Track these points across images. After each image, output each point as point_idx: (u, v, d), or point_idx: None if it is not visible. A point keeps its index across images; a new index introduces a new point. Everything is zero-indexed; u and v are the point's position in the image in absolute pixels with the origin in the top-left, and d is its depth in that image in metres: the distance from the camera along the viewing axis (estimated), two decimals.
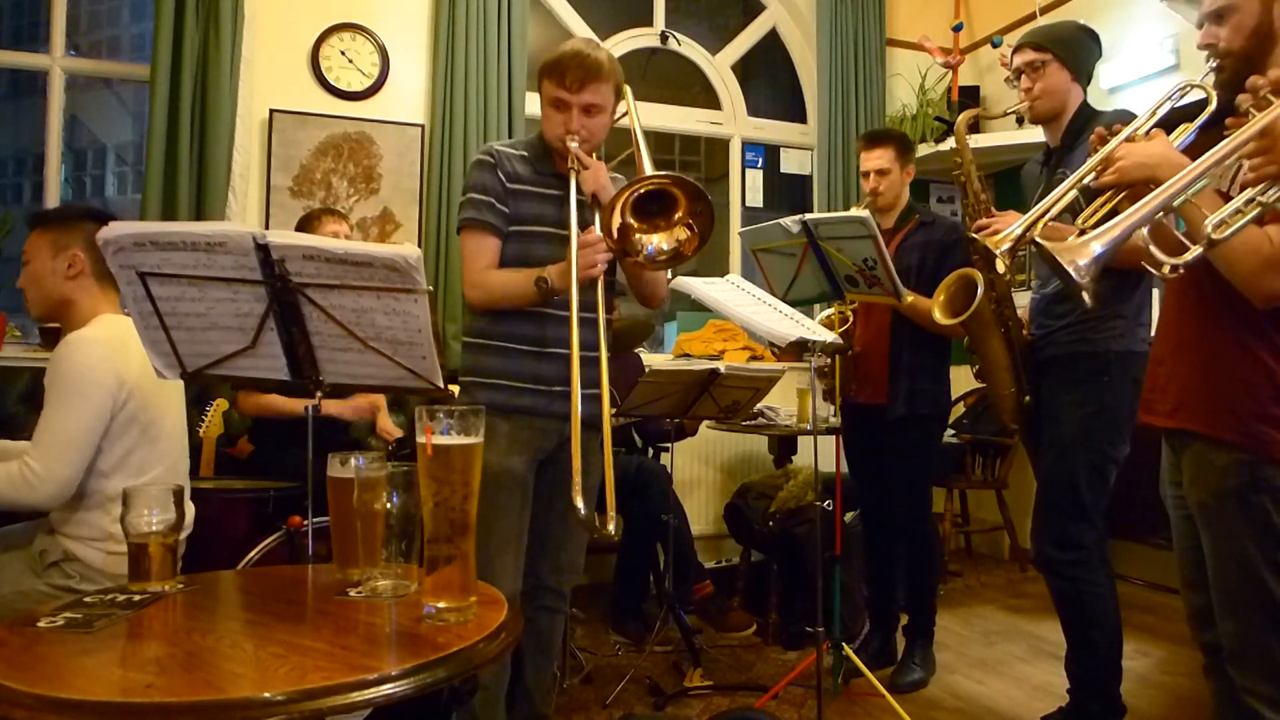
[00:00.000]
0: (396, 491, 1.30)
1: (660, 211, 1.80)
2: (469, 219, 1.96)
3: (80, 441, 1.84)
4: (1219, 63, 1.59)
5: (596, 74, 1.90)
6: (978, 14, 4.98)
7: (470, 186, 1.99)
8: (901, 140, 3.02)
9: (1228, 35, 1.59)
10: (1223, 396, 1.50)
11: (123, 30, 10.42)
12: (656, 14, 4.71)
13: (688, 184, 1.75)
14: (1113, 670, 2.33)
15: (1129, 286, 2.25)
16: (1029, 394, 2.39)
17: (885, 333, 2.92)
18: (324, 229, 2.91)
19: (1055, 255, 1.31)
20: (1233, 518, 1.49)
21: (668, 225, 1.80)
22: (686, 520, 3.56)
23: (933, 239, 2.90)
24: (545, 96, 1.96)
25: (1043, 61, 2.34)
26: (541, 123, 2.01)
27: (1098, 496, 2.28)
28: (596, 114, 1.93)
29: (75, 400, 1.83)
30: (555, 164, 1.99)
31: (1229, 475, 1.49)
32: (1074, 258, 1.30)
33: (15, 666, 1.05)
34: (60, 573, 1.90)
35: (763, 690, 2.78)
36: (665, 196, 1.79)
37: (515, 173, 1.99)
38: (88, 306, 1.98)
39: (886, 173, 2.95)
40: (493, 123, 3.96)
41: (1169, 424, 1.61)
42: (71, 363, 1.86)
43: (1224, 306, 1.49)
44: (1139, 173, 1.47)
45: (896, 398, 2.88)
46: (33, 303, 2.04)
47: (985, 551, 4.81)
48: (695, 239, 1.80)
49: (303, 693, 0.98)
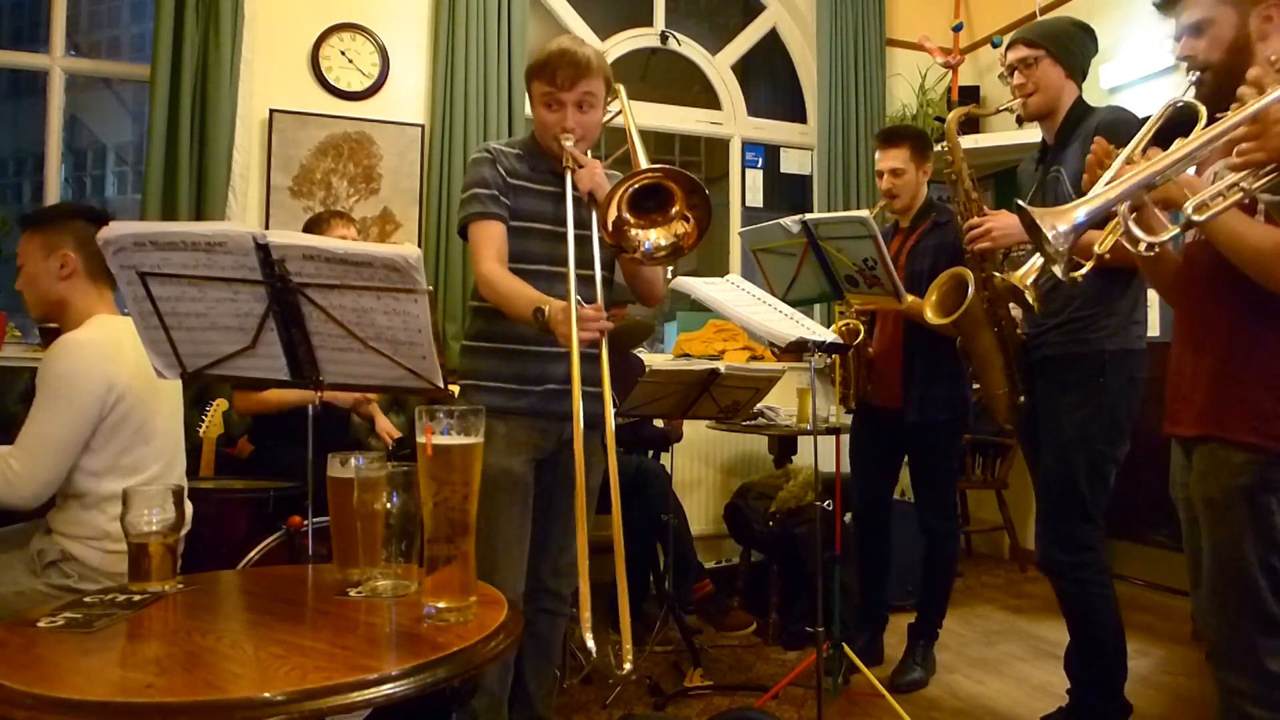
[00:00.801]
0: (396, 491, 1.30)
1: (657, 207, 1.79)
2: (474, 212, 1.94)
3: (62, 445, 1.83)
4: (1199, 76, 1.60)
5: (586, 69, 1.90)
6: (978, 14, 4.99)
7: (471, 182, 1.97)
8: (918, 138, 2.98)
9: (1206, 48, 1.60)
10: (1245, 398, 1.50)
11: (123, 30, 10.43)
12: (656, 14, 4.71)
13: (683, 176, 1.74)
14: (1120, 669, 2.32)
15: (1120, 285, 2.24)
16: (1024, 394, 2.38)
17: (899, 339, 2.92)
18: (333, 233, 2.90)
19: (1036, 219, 1.31)
20: (1237, 516, 1.49)
21: (665, 220, 1.79)
22: (686, 520, 3.56)
23: (948, 240, 2.85)
24: (536, 97, 1.95)
25: (1035, 58, 2.32)
26: (534, 125, 2.00)
27: (1099, 496, 2.27)
28: (589, 109, 1.93)
29: (61, 404, 1.83)
30: (551, 162, 1.99)
31: (1241, 474, 1.49)
32: (1054, 222, 1.31)
33: (15, 666, 1.05)
34: (59, 572, 1.90)
35: (763, 690, 2.78)
36: (661, 191, 1.77)
37: (513, 168, 1.99)
38: (82, 307, 1.98)
39: (901, 173, 2.92)
40: (493, 123, 3.97)
41: (1193, 432, 1.60)
42: (60, 365, 1.86)
43: (1243, 310, 1.49)
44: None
45: (910, 404, 2.88)
46: (31, 305, 2.05)
47: (985, 551, 4.81)
48: (694, 232, 1.78)
49: (303, 693, 0.98)
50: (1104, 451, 2.26)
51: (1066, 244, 1.30)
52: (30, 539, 1.97)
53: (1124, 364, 2.23)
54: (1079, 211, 1.31)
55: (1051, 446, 2.32)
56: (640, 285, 2.06)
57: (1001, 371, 2.38)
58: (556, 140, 1.92)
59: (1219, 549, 1.53)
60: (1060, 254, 1.30)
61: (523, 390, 1.96)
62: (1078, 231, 1.30)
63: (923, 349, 2.86)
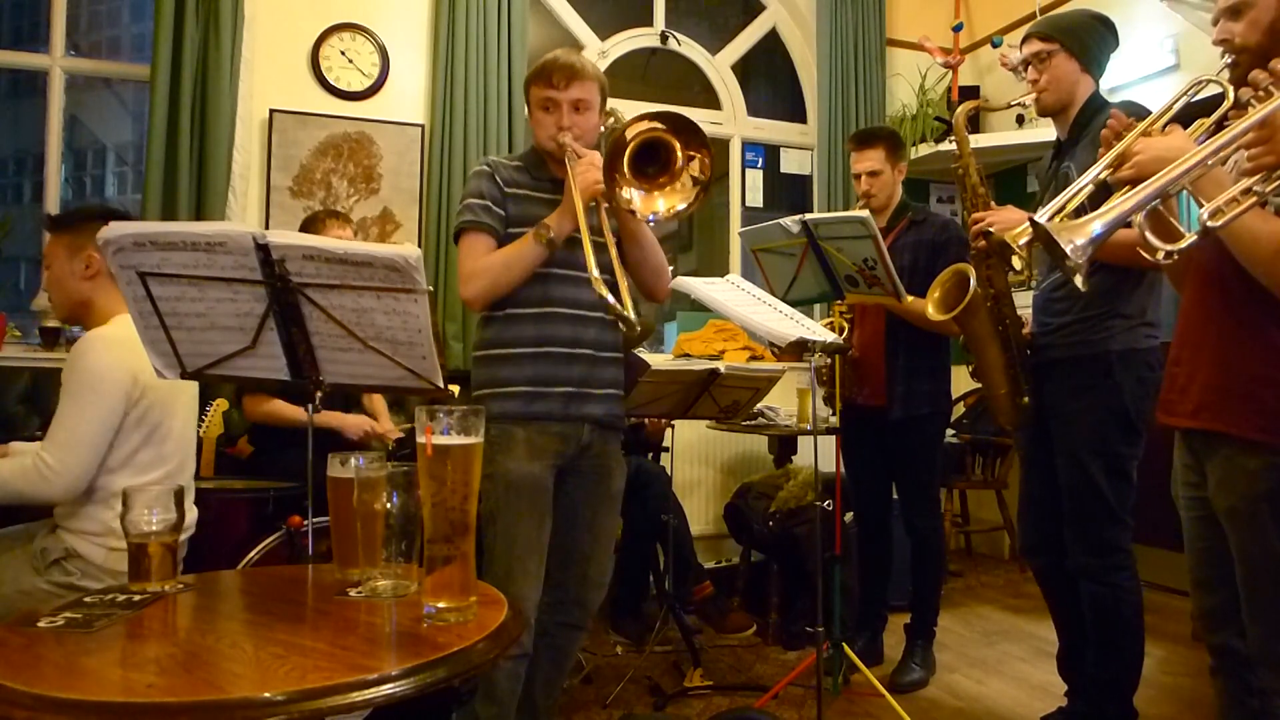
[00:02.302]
0: (396, 491, 1.30)
1: (661, 168, 1.79)
2: (465, 222, 1.97)
3: (94, 438, 1.86)
4: (1234, 58, 1.57)
5: (581, 72, 1.94)
6: (978, 14, 4.98)
7: (466, 194, 2.01)
8: (891, 139, 2.99)
9: (1243, 30, 1.57)
10: (1250, 395, 1.49)
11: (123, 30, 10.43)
12: (656, 14, 4.71)
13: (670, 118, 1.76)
14: (1136, 676, 2.29)
15: (1129, 285, 2.20)
16: (1027, 395, 2.34)
17: (881, 336, 2.93)
18: (329, 233, 2.89)
19: (1053, 234, 1.30)
20: (1263, 522, 1.48)
21: (671, 178, 1.79)
22: (686, 521, 3.56)
23: (924, 238, 2.90)
24: (534, 102, 1.98)
25: (1049, 52, 2.26)
26: (533, 131, 2.02)
27: (1124, 497, 2.23)
28: (585, 110, 1.95)
29: (90, 397, 1.86)
30: (551, 170, 2.00)
31: (1260, 480, 1.48)
32: (1072, 237, 1.30)
33: (15, 666, 1.05)
34: (61, 570, 1.91)
35: (763, 690, 2.78)
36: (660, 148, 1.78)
37: (512, 179, 2.01)
38: (105, 306, 2.01)
39: (878, 174, 2.93)
40: (493, 123, 3.97)
41: (1192, 425, 1.59)
42: (88, 360, 1.89)
43: (1248, 304, 1.48)
44: (1159, 167, 1.41)
45: (895, 400, 2.88)
46: (56, 306, 2.11)
47: (985, 551, 4.82)
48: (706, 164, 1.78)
49: (303, 693, 0.98)
50: (1121, 452, 2.22)
51: (1085, 256, 1.28)
52: (34, 537, 1.98)
53: (1132, 363, 2.19)
54: (1095, 225, 1.30)
55: (1067, 451, 2.27)
56: (647, 275, 2.04)
57: (1004, 371, 2.35)
58: (554, 140, 1.94)
59: (1250, 556, 1.52)
60: (1079, 267, 1.29)
61: (540, 393, 1.95)
62: (1095, 244, 1.29)
63: (905, 345, 2.87)
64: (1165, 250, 1.33)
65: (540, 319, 1.96)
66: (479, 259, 1.95)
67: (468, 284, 1.96)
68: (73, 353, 1.93)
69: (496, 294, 1.94)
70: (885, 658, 3.09)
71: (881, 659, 3.07)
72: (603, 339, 2.02)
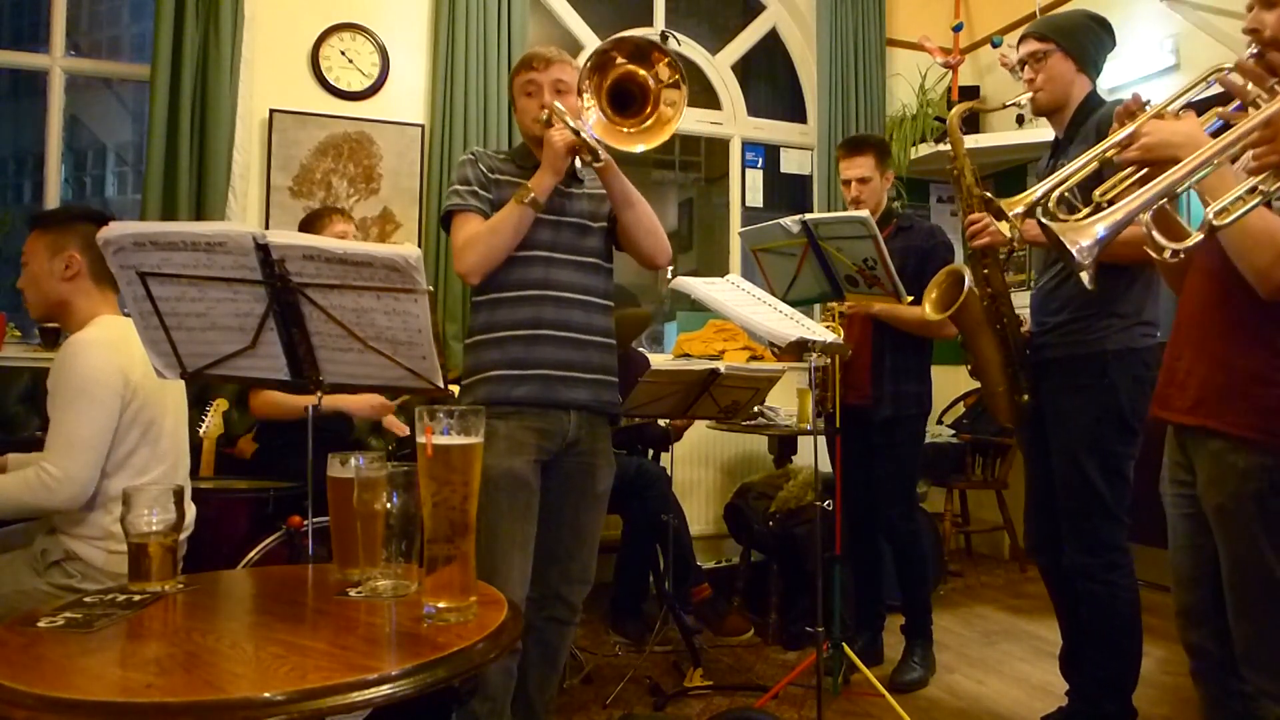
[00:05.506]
0: (396, 491, 1.30)
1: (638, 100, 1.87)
2: (453, 205, 2.00)
3: (94, 442, 1.85)
4: (1260, 50, 1.53)
5: (559, 56, 2.01)
6: (978, 14, 4.99)
7: (453, 181, 2.04)
8: (880, 146, 3.05)
9: (1275, 23, 1.52)
10: (1246, 393, 1.48)
11: (123, 30, 10.41)
12: (656, 14, 4.71)
13: (622, 47, 1.84)
14: (1134, 675, 2.29)
15: (1123, 284, 2.20)
16: (1026, 393, 2.35)
17: (868, 338, 2.95)
18: (332, 228, 2.89)
19: (1059, 235, 1.30)
20: (1251, 521, 1.48)
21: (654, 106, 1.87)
22: (686, 522, 3.55)
23: (912, 244, 2.93)
24: (517, 90, 2.04)
25: (1045, 51, 2.28)
26: (518, 120, 2.07)
27: (1120, 495, 2.24)
28: (566, 92, 1.98)
29: (84, 402, 1.85)
30: (536, 158, 2.00)
31: (1249, 479, 1.48)
32: (1077, 238, 1.29)
33: (15, 666, 1.05)
34: (61, 572, 1.91)
35: (763, 690, 2.78)
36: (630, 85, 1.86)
37: (496, 166, 2.04)
38: (85, 308, 1.99)
39: (868, 180, 2.96)
40: (493, 123, 3.97)
41: (1187, 420, 1.58)
42: (78, 364, 1.87)
43: (1248, 302, 1.47)
44: (1164, 151, 1.40)
45: (882, 400, 2.91)
46: (32, 304, 2.06)
47: (985, 551, 4.82)
48: (681, 88, 1.86)
49: (303, 693, 0.98)
50: (1117, 451, 2.23)
51: (1091, 256, 1.28)
52: (34, 538, 1.97)
53: (1127, 362, 2.20)
54: (1099, 226, 1.30)
55: (1063, 450, 2.28)
56: (642, 236, 2.03)
57: (1001, 370, 2.36)
58: (537, 121, 1.97)
59: (1236, 556, 1.52)
60: (1087, 268, 1.29)
61: (520, 376, 1.95)
62: (1101, 245, 1.29)
63: (891, 346, 2.91)
64: (1172, 249, 1.33)
65: (526, 301, 1.97)
66: (469, 234, 1.97)
67: (461, 258, 1.96)
68: (59, 359, 1.90)
69: (491, 262, 1.94)
70: (885, 658, 3.09)
71: (881, 659, 3.08)
72: (591, 323, 2.02)
